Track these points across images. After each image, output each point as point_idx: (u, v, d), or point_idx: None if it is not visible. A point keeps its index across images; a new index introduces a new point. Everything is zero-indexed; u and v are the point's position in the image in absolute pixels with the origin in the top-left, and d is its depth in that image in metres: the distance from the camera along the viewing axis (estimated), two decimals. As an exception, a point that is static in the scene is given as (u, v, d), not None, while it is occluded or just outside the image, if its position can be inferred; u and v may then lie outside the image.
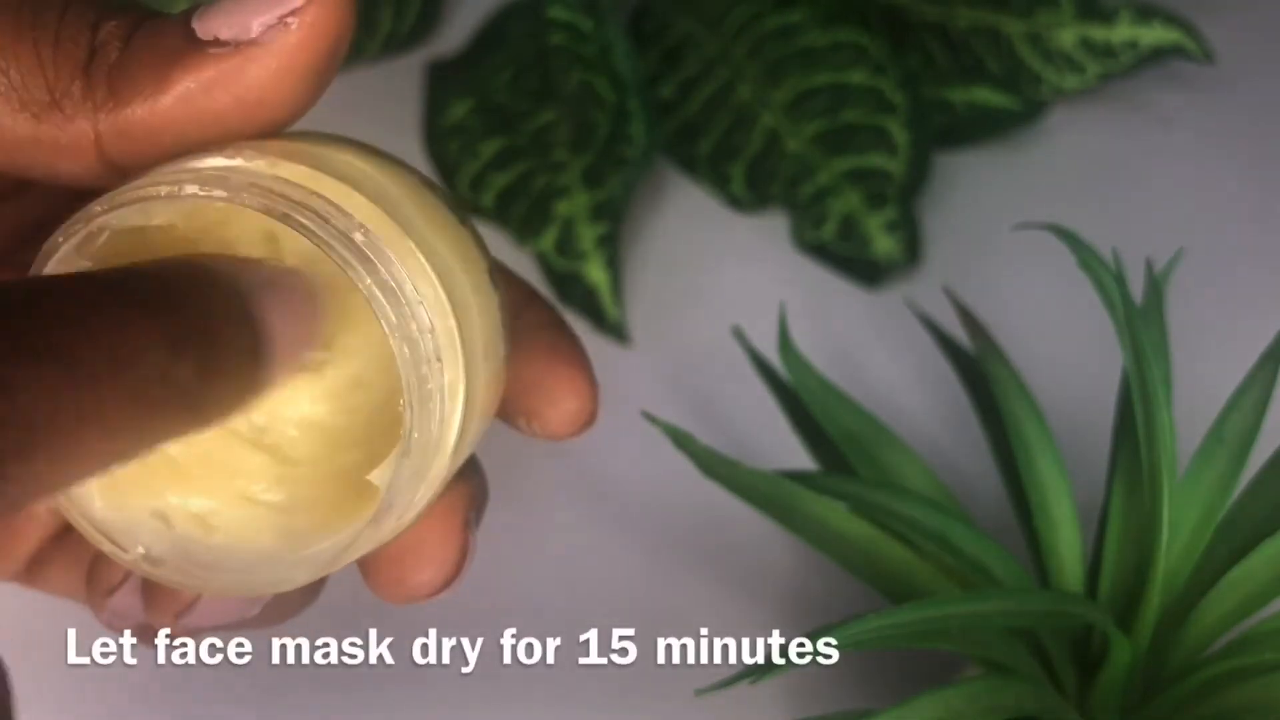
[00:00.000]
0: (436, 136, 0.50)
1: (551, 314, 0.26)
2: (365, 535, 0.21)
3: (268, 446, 0.22)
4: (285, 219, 0.20)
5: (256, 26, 0.21)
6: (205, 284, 0.19)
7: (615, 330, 0.45)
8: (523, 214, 0.47)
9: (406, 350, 0.20)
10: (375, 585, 0.23)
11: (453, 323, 0.21)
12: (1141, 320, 0.31)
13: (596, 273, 0.45)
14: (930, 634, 0.29)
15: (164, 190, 0.20)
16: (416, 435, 0.20)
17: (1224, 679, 0.30)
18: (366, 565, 0.23)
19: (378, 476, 0.21)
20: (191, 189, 0.20)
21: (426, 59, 0.52)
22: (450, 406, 0.21)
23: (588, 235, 0.46)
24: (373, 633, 0.39)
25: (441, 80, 0.51)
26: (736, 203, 0.49)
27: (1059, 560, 0.33)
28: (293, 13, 0.22)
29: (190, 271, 0.19)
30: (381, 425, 0.22)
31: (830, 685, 0.38)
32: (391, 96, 0.52)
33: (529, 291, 0.26)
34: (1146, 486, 0.30)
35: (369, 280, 0.20)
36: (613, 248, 0.45)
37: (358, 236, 0.20)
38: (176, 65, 0.21)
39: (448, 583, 0.24)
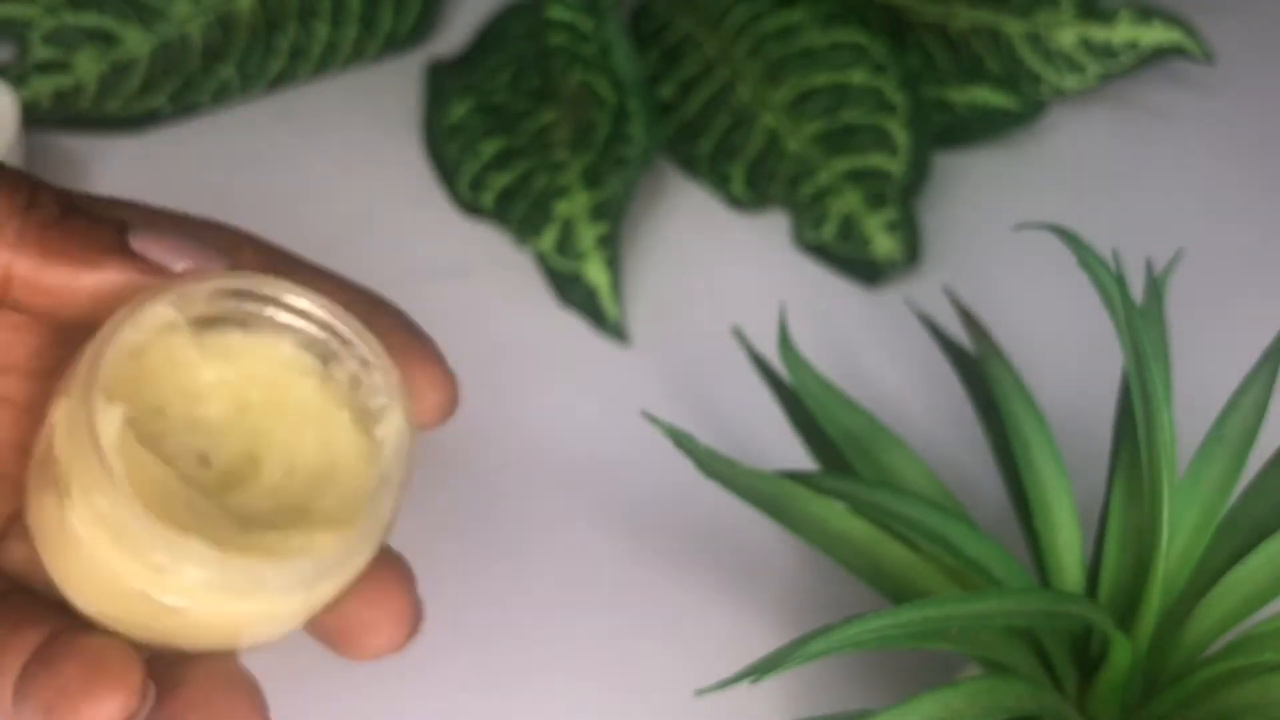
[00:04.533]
0: (436, 136, 0.50)
1: (400, 316, 0.28)
2: (300, 600, 0.24)
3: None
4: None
5: (179, 267, 0.25)
6: None
7: (615, 330, 0.45)
8: (523, 214, 0.47)
9: (392, 469, 0.25)
10: (344, 648, 0.26)
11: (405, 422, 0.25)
12: (1141, 320, 0.31)
13: (596, 273, 0.45)
14: (930, 634, 0.29)
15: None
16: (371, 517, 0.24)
17: (1224, 679, 0.30)
18: (333, 631, 0.26)
19: (328, 545, 0.24)
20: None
21: (426, 59, 0.52)
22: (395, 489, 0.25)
23: (588, 235, 0.46)
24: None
25: (441, 80, 0.51)
26: (736, 203, 0.49)
27: (1059, 560, 0.33)
28: None
29: None
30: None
31: (830, 685, 0.38)
32: (391, 96, 0.52)
33: (374, 299, 0.28)
34: (1146, 486, 0.30)
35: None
36: (613, 248, 0.45)
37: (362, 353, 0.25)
38: (107, 257, 0.24)
39: (408, 640, 0.26)
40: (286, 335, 0.25)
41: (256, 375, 0.25)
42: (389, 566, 0.25)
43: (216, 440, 0.25)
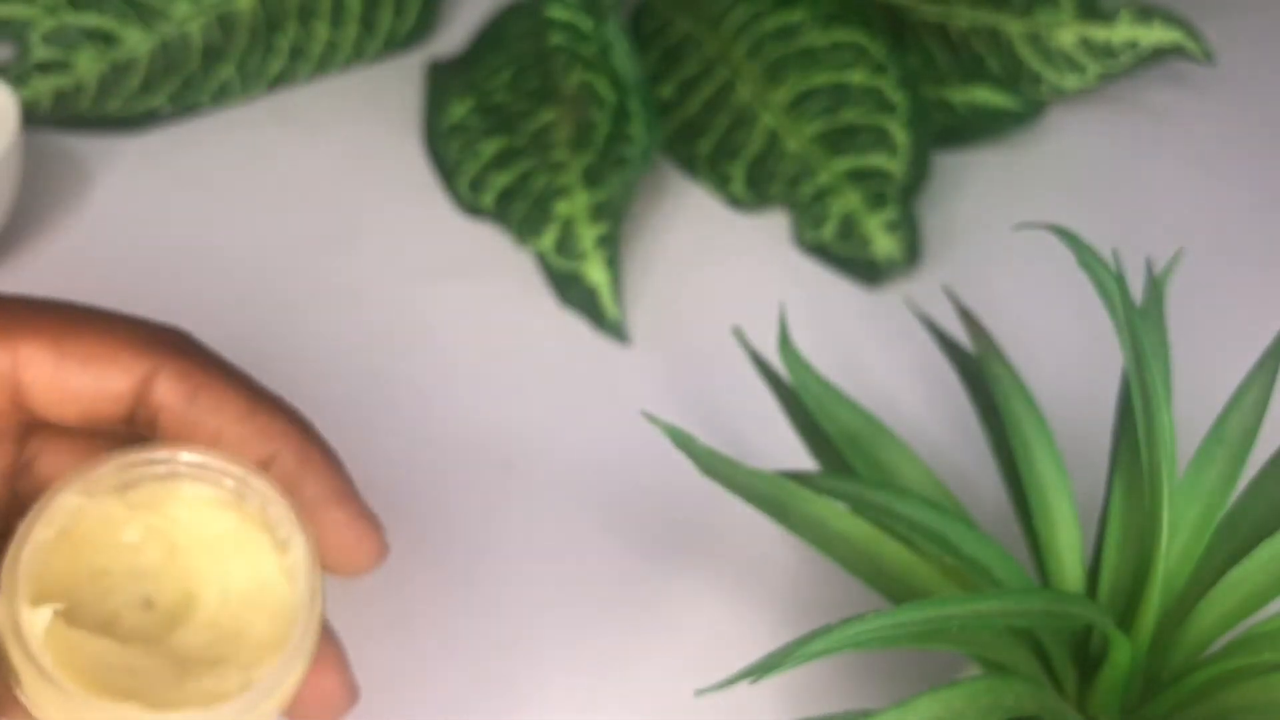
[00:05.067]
0: (436, 136, 0.50)
1: (331, 464, 0.29)
2: None
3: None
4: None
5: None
6: None
7: (615, 330, 0.45)
8: (523, 214, 0.47)
9: (306, 593, 0.26)
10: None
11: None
12: (1141, 320, 0.31)
13: (596, 273, 0.45)
14: (930, 634, 0.29)
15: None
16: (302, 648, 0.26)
17: (1224, 679, 0.30)
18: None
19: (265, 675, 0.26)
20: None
21: (426, 59, 0.52)
22: (299, 674, 0.26)
23: (588, 235, 0.46)
24: (371, 630, 0.39)
25: (441, 80, 0.51)
26: (737, 203, 0.49)
27: (1059, 560, 0.33)
28: None
29: None
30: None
31: (830, 685, 0.38)
32: (391, 96, 0.52)
33: (306, 455, 0.28)
34: (1146, 486, 0.30)
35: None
36: (613, 248, 0.46)
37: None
38: None
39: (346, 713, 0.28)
40: (198, 479, 0.27)
41: (180, 518, 0.27)
42: (324, 647, 0.28)
43: (157, 584, 0.27)
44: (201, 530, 0.27)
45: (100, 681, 0.25)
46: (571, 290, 0.46)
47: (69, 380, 0.26)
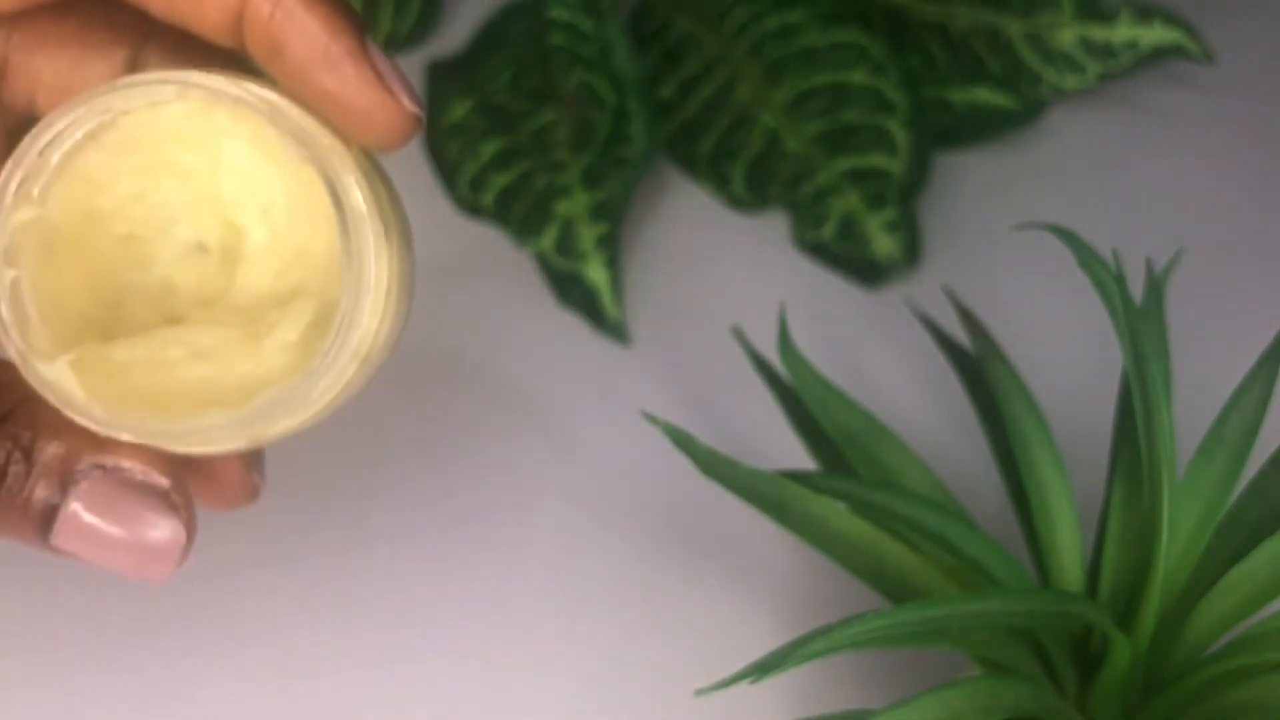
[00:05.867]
0: (436, 136, 0.50)
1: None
2: (296, 395, 0.23)
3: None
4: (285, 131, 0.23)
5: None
6: None
7: (615, 330, 0.45)
8: (523, 214, 0.47)
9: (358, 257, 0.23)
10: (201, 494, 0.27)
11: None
12: (1141, 320, 0.31)
13: (596, 273, 0.45)
14: (930, 634, 0.29)
15: (173, 87, 0.23)
16: (348, 321, 0.23)
17: (1224, 679, 0.30)
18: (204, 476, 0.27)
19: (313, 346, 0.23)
20: (200, 80, 0.23)
21: (426, 59, 0.52)
22: (375, 309, 0.23)
23: (588, 235, 0.46)
24: (369, 636, 0.39)
25: (441, 80, 0.51)
26: (736, 203, 0.49)
27: (1059, 560, 0.33)
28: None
29: None
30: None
31: (830, 685, 0.38)
32: (391, 96, 0.52)
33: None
34: (1146, 486, 0.30)
35: (344, 201, 0.23)
36: (613, 248, 0.45)
37: (333, 161, 0.23)
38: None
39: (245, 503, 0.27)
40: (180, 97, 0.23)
41: (166, 142, 0.24)
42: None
43: (198, 222, 0.24)
44: (204, 145, 0.24)
45: (164, 394, 0.23)
46: (571, 290, 0.46)
47: None
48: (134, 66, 0.25)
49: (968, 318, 0.37)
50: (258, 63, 0.24)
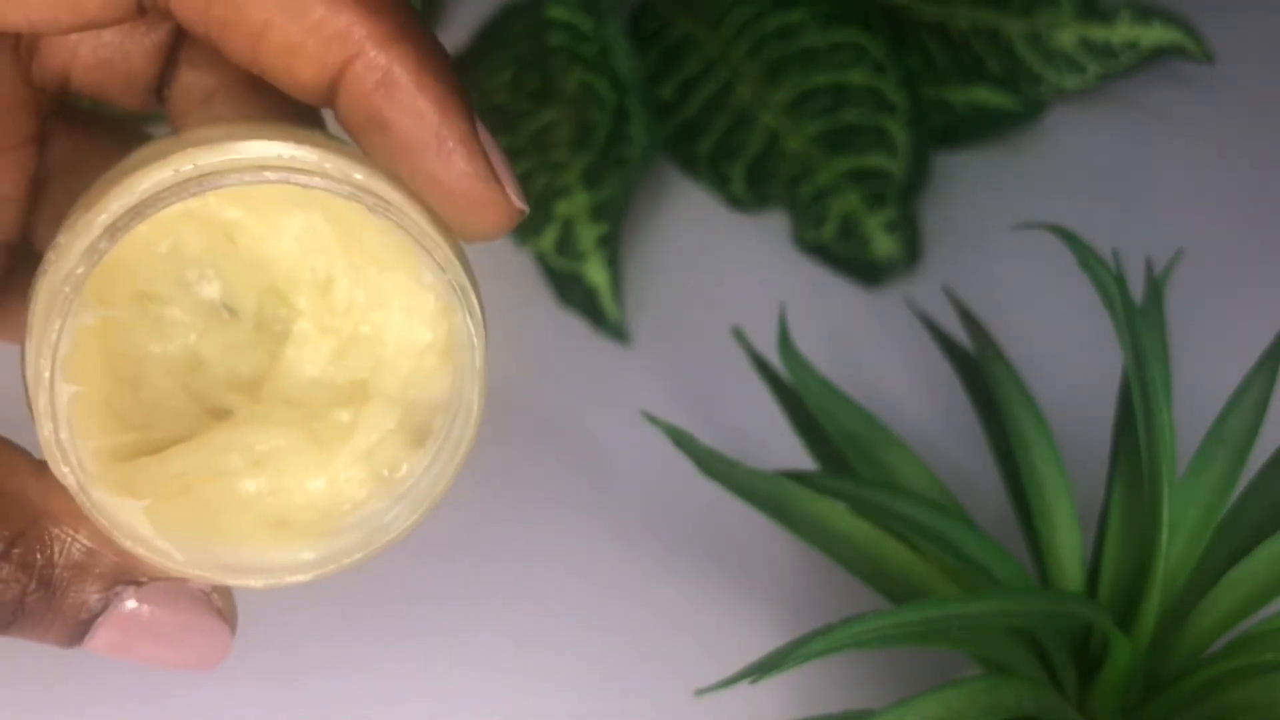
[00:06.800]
0: (436, 136, 0.50)
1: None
2: (384, 520, 0.21)
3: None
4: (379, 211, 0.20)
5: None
6: None
7: (615, 330, 0.45)
8: (523, 214, 0.47)
9: (470, 352, 0.20)
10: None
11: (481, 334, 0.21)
12: (1141, 320, 0.31)
13: (596, 273, 0.45)
14: (930, 634, 0.29)
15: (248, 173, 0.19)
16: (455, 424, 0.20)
17: (1224, 679, 0.30)
18: None
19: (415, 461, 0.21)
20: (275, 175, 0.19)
21: (426, 59, 0.52)
22: (476, 418, 0.21)
23: (588, 235, 0.46)
24: (371, 637, 0.39)
25: (441, 80, 0.51)
26: (736, 203, 0.49)
27: (1059, 560, 0.33)
28: None
29: None
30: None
31: (830, 685, 0.38)
32: (391, 96, 0.52)
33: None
34: (1146, 486, 0.30)
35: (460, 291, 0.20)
36: (613, 248, 0.45)
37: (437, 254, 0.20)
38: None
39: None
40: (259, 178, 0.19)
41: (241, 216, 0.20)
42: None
43: (223, 277, 0.20)
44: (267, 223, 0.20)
45: (229, 514, 0.20)
46: (571, 290, 0.46)
47: None
48: (177, 46, 0.22)
49: (968, 317, 0.37)
50: (347, 131, 0.21)
